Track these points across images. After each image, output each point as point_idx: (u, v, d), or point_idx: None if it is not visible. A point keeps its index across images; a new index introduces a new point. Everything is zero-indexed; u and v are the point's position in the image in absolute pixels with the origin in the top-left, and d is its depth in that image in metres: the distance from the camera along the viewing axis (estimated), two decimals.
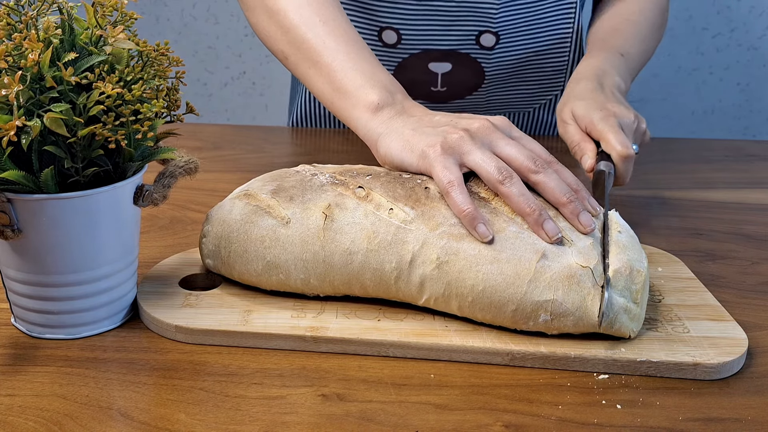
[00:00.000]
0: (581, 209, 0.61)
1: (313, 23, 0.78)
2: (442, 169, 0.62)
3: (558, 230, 0.59)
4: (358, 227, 0.61)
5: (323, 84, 0.77)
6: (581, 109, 0.82)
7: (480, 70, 1.08)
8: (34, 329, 0.60)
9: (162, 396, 0.53)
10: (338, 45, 0.77)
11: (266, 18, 0.83)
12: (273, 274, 0.63)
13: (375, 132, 0.71)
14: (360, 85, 0.74)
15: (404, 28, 1.04)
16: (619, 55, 0.94)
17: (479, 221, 0.59)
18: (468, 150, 0.63)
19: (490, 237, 0.59)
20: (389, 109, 0.72)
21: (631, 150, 0.77)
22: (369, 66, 0.76)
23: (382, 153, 0.69)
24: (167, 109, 0.59)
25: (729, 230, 0.85)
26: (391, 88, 0.74)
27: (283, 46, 0.81)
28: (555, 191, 0.61)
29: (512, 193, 0.60)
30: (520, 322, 0.59)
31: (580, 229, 0.60)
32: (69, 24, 0.56)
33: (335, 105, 0.76)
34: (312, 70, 0.78)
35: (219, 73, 2.13)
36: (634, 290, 0.59)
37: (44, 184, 0.54)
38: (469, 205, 0.59)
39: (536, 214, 0.59)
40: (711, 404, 0.54)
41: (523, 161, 0.63)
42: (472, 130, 0.65)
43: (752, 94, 2.00)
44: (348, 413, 0.52)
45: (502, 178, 0.61)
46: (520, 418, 0.52)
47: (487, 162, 0.62)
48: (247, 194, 0.65)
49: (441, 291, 0.60)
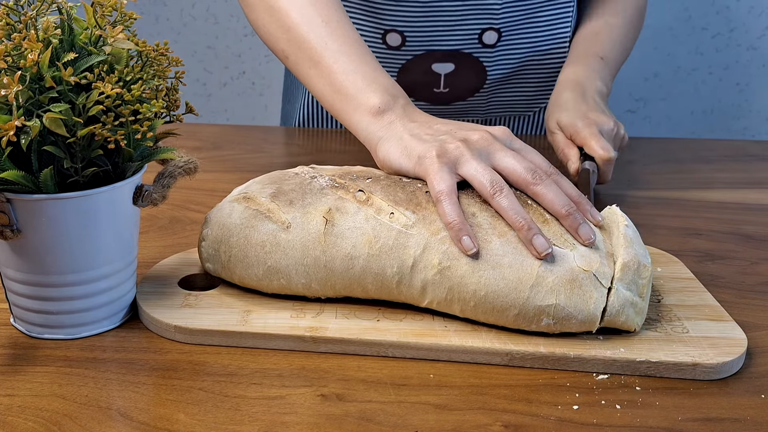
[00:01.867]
0: (581, 221, 0.60)
1: (315, 23, 0.78)
2: (436, 177, 0.62)
3: (548, 246, 0.58)
4: (359, 232, 0.61)
5: (324, 85, 0.77)
6: (565, 119, 0.91)
7: (482, 70, 1.08)
8: (33, 329, 0.60)
9: (161, 396, 0.53)
10: (340, 47, 0.77)
11: (267, 16, 0.82)
12: (274, 279, 0.63)
13: (375, 136, 0.71)
14: (361, 88, 0.74)
15: (409, 29, 1.04)
16: (599, 59, 1.01)
17: (464, 233, 0.59)
18: (464, 160, 0.63)
19: (475, 250, 0.58)
20: (390, 113, 0.72)
21: (612, 152, 0.86)
22: (371, 69, 0.76)
23: (381, 157, 0.69)
24: (166, 109, 0.59)
25: (728, 230, 0.85)
26: (393, 92, 0.74)
27: (284, 45, 0.81)
28: (554, 203, 0.61)
29: (503, 207, 0.60)
30: (522, 325, 0.59)
31: (580, 241, 0.60)
32: (68, 24, 0.56)
33: (336, 107, 0.76)
34: (313, 70, 0.78)
35: (218, 73, 2.13)
36: (641, 284, 0.59)
37: (43, 184, 0.54)
38: (456, 217, 0.59)
39: (525, 229, 0.59)
40: (710, 404, 0.54)
41: (522, 173, 0.63)
42: (470, 141, 0.65)
43: (752, 94, 2.00)
44: (347, 413, 0.52)
45: (493, 191, 0.61)
46: (519, 418, 0.52)
47: (481, 173, 0.62)
48: (246, 197, 0.65)
49: (443, 295, 0.60)
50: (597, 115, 0.90)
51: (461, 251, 0.59)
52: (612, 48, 1.04)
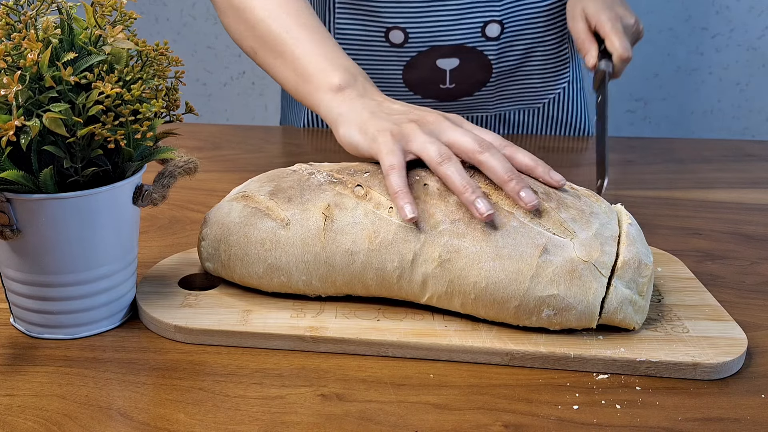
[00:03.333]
0: (522, 186, 0.60)
1: (277, 15, 0.82)
2: (387, 153, 0.64)
3: (490, 207, 0.59)
4: (358, 227, 0.61)
5: (288, 72, 0.80)
6: (592, 8, 0.96)
7: (487, 64, 1.09)
8: (33, 329, 0.60)
9: (161, 396, 0.53)
10: (300, 34, 0.80)
11: (234, 16, 0.86)
12: (274, 276, 0.63)
13: (335, 112, 0.73)
14: (322, 69, 0.76)
15: (411, 26, 1.05)
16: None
17: (407, 201, 0.60)
18: (414, 138, 0.65)
19: (414, 215, 0.59)
20: (350, 89, 0.74)
21: (631, 53, 0.93)
22: (331, 51, 0.78)
23: (341, 133, 0.71)
24: (166, 109, 0.59)
25: (728, 230, 0.85)
26: (353, 71, 0.76)
27: (252, 42, 0.84)
28: (496, 170, 0.62)
29: (449, 173, 0.61)
30: (523, 317, 0.59)
31: (522, 205, 0.60)
32: (68, 24, 0.56)
33: (300, 90, 0.79)
34: (278, 60, 0.81)
35: (218, 73, 2.13)
36: (641, 283, 0.59)
37: (43, 183, 0.54)
38: (402, 187, 0.61)
39: (468, 191, 0.60)
40: (710, 404, 0.54)
41: (467, 143, 0.64)
42: (422, 121, 0.67)
43: (752, 94, 2.00)
44: (347, 413, 0.52)
45: (440, 159, 0.62)
46: (519, 418, 0.52)
47: (428, 146, 0.64)
48: (244, 196, 0.65)
49: (444, 289, 0.60)
50: (621, 10, 0.96)
51: (402, 217, 0.60)
52: None
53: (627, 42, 0.93)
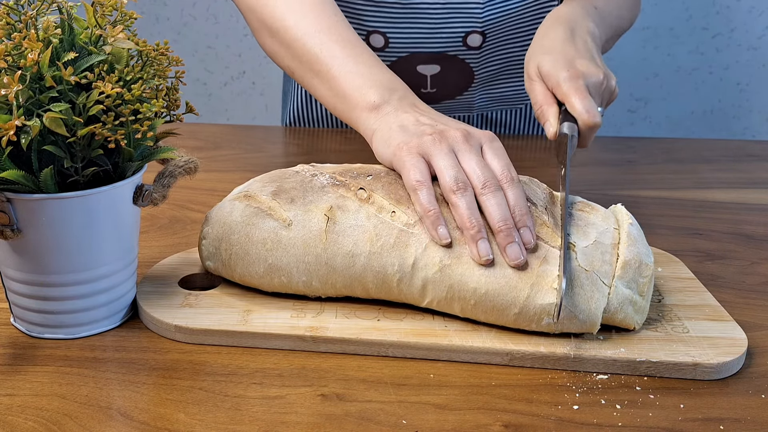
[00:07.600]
0: (510, 241, 0.59)
1: (311, 34, 0.81)
2: (412, 168, 0.63)
3: (490, 252, 0.59)
4: (360, 230, 0.61)
5: (325, 91, 0.79)
6: (547, 65, 0.76)
7: (469, 71, 1.08)
8: (33, 329, 0.60)
9: (161, 396, 0.53)
10: (334, 51, 0.79)
11: (269, 37, 0.86)
12: (275, 276, 0.63)
13: (370, 129, 0.73)
14: (357, 87, 0.76)
15: (391, 32, 1.04)
16: (593, 7, 0.89)
17: (441, 223, 0.60)
18: (436, 153, 0.64)
19: (449, 240, 0.59)
20: (386, 106, 0.74)
21: (597, 118, 0.71)
22: (366, 67, 0.77)
23: (374, 148, 0.71)
24: (167, 108, 0.59)
25: (728, 230, 0.85)
26: (390, 86, 0.75)
27: (289, 61, 0.84)
28: (492, 216, 0.61)
29: (459, 205, 0.61)
30: (523, 324, 0.59)
31: (507, 261, 0.59)
32: (68, 23, 0.56)
33: (338, 109, 0.78)
34: (315, 79, 0.80)
35: (218, 72, 2.13)
36: (642, 283, 0.59)
37: (44, 183, 0.54)
38: (434, 206, 0.61)
39: (474, 230, 0.60)
40: (710, 404, 0.54)
41: (474, 179, 0.63)
42: (445, 135, 0.66)
43: (752, 94, 2.00)
44: (347, 413, 0.52)
45: (456, 188, 0.62)
46: (519, 418, 0.52)
47: (448, 169, 0.63)
48: (247, 195, 0.65)
49: (443, 294, 0.60)
50: (585, 64, 0.75)
51: (434, 240, 0.60)
52: (607, 3, 0.92)
53: (592, 103, 0.71)
